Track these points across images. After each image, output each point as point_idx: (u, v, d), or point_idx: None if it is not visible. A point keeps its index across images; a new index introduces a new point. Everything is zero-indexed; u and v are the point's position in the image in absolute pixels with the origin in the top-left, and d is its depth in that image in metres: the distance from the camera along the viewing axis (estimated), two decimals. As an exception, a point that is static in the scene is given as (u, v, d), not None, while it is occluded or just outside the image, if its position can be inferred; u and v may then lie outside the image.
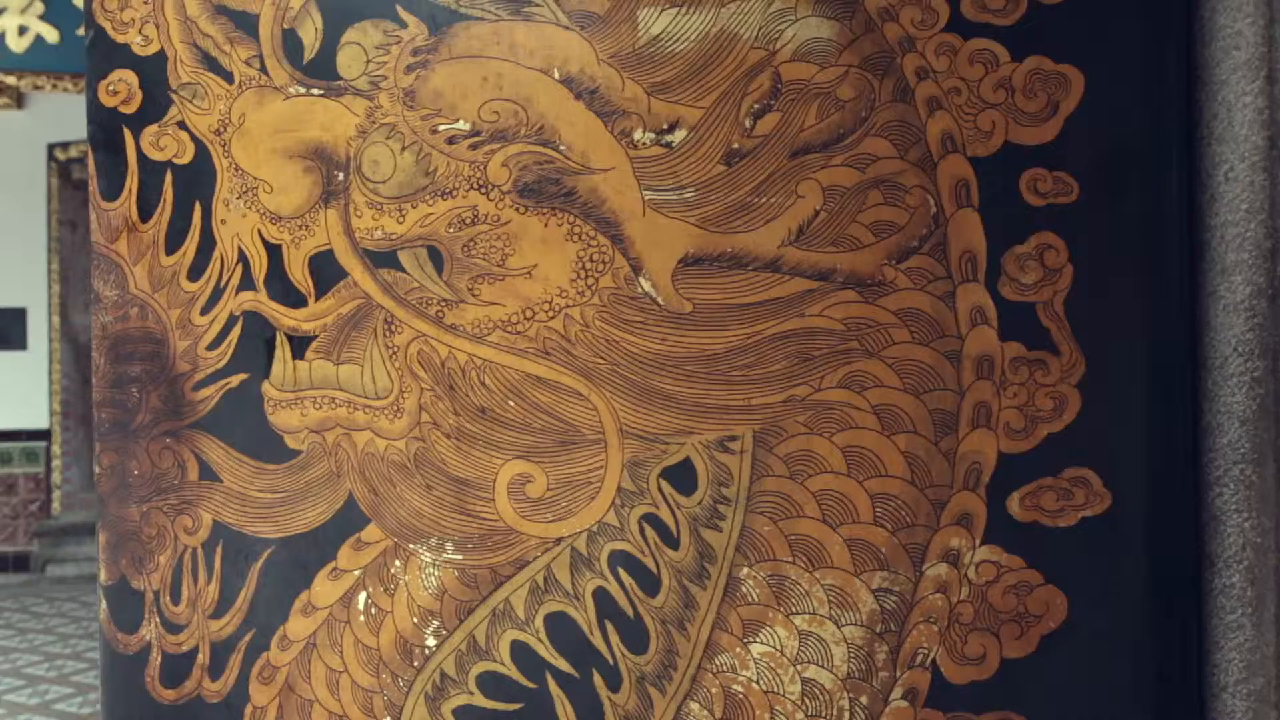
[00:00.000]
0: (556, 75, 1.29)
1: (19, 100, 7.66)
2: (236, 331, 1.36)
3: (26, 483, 7.73)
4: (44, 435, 7.77)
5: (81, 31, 7.50)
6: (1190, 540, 1.26)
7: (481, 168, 1.30)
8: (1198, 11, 1.28)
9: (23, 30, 7.51)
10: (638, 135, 1.28)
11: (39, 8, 7.43)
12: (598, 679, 1.29)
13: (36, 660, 5.93)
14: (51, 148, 7.76)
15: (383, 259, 1.32)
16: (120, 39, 1.38)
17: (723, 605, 1.27)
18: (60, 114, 7.75)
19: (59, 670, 5.74)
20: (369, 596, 1.33)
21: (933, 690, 1.25)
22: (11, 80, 7.56)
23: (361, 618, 1.33)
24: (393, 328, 1.32)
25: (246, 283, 1.35)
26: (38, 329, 7.75)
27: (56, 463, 7.78)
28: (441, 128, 1.31)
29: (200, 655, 1.37)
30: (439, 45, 1.31)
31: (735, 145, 1.27)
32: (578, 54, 1.28)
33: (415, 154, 1.31)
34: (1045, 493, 1.23)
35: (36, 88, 7.65)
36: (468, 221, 1.30)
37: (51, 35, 7.53)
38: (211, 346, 1.36)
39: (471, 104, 1.30)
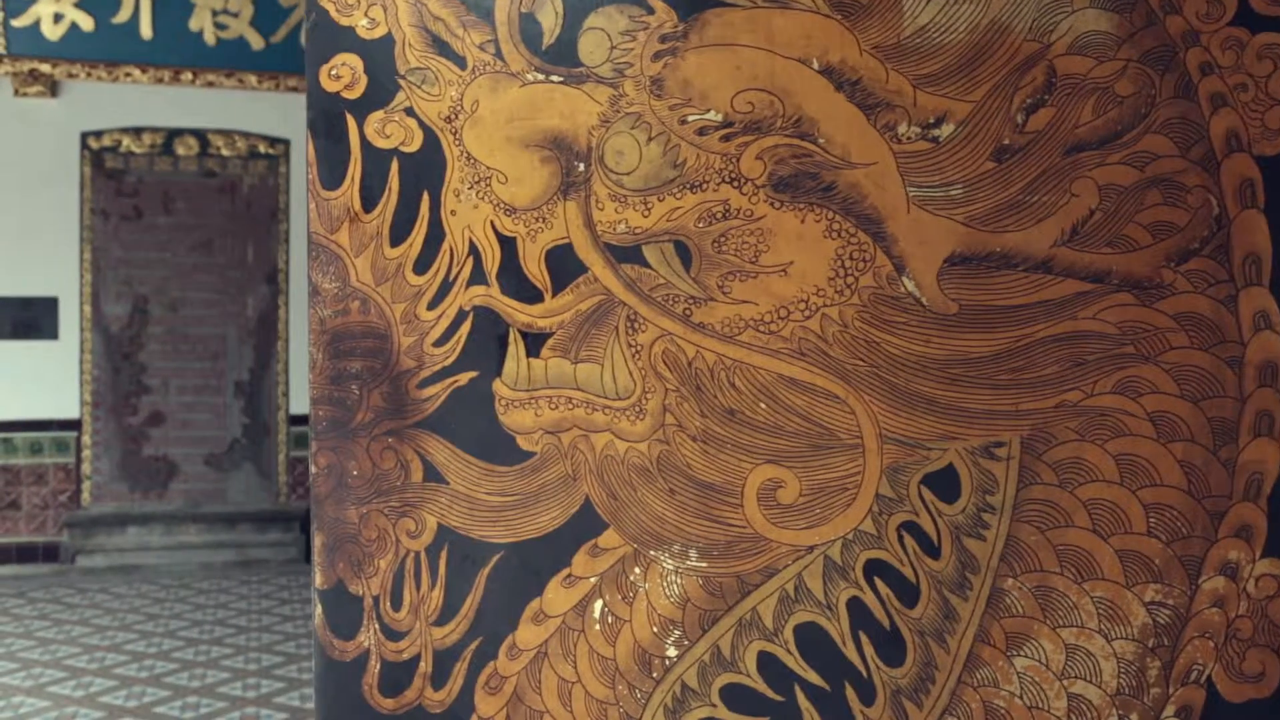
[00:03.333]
0: (816, 65, 1.24)
1: (53, 89, 7.57)
2: (466, 327, 1.31)
3: (57, 473, 7.66)
4: (74, 425, 7.68)
5: (116, 19, 7.44)
6: None
7: (734, 160, 1.25)
8: None
9: (58, 18, 7.43)
10: (902, 129, 1.23)
11: (74, -6, 7.36)
12: (850, 692, 1.25)
13: (75, 652, 5.86)
14: (85, 136, 7.66)
15: (626, 254, 1.27)
16: (344, 22, 1.33)
17: (985, 617, 1.23)
18: (94, 102, 7.65)
19: (100, 663, 5.67)
20: (605, 604, 1.28)
21: (1207, 708, 1.20)
22: (46, 68, 7.47)
23: (597, 626, 1.29)
24: (636, 325, 1.27)
25: (478, 277, 1.30)
26: (69, 318, 7.66)
27: (87, 453, 7.70)
28: (691, 118, 1.26)
29: (422, 663, 1.32)
30: (689, 32, 1.26)
31: (1006, 141, 1.22)
32: (839, 43, 1.24)
33: (662, 145, 1.26)
34: (1330, 505, 1.19)
35: (71, 76, 7.57)
36: (718, 216, 1.25)
37: (86, 23, 7.46)
38: (439, 343, 1.31)
39: (724, 94, 1.25)
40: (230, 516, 7.91)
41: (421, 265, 1.31)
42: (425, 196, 1.31)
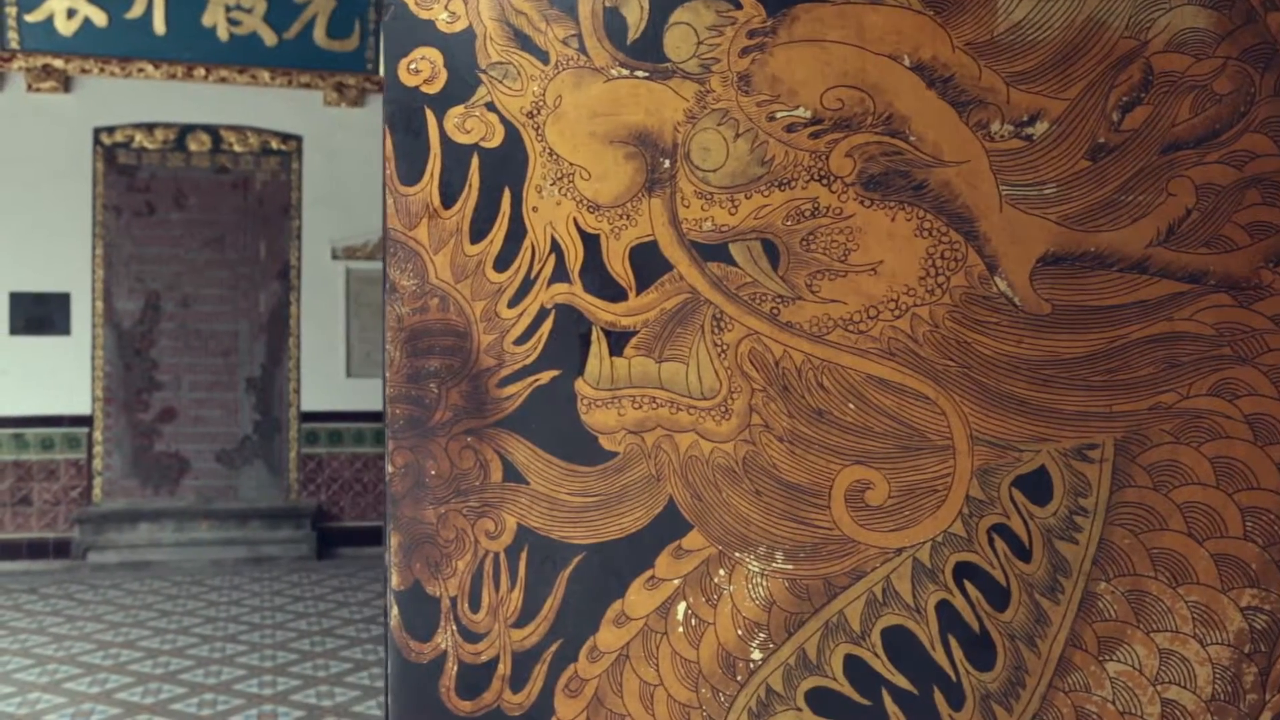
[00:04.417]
0: (907, 62, 1.22)
1: (66, 84, 7.54)
2: (548, 325, 1.29)
3: (68, 468, 7.64)
4: (86, 421, 7.67)
5: (129, 15, 7.41)
6: None
7: (823, 158, 1.23)
8: None
9: (71, 13, 7.42)
10: (995, 127, 1.21)
11: (88, -11, 7.34)
12: (938, 696, 1.23)
13: (90, 649, 5.84)
14: (98, 132, 7.64)
15: (712, 252, 1.26)
16: (424, 14, 1.31)
17: (1077, 621, 1.21)
18: (107, 98, 7.64)
19: (115, 659, 5.66)
20: (689, 607, 1.27)
21: (1304, 714, 1.19)
22: (59, 64, 7.45)
23: (680, 629, 1.27)
24: (722, 324, 1.25)
25: (560, 274, 1.29)
26: (81, 314, 7.65)
27: (98, 449, 7.69)
28: (779, 114, 1.24)
29: (501, 666, 1.30)
30: (777, 27, 1.24)
31: (1101, 139, 1.20)
32: (931, 39, 1.22)
33: (750, 142, 1.25)
34: None
35: (84, 71, 7.55)
36: (807, 214, 1.24)
37: (99, 18, 7.44)
38: (519, 341, 1.30)
39: (813, 90, 1.24)
40: (241, 513, 7.91)
41: (502, 262, 1.30)
42: (506, 192, 1.30)
